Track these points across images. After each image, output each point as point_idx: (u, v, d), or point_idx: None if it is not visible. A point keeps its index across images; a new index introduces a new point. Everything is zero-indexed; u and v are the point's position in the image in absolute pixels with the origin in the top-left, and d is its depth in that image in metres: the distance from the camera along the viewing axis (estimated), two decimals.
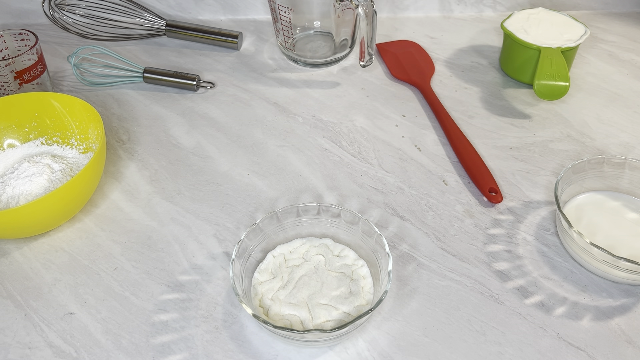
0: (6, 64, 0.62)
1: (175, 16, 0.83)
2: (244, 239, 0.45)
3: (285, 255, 0.48)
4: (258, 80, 0.72)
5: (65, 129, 0.60)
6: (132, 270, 0.50)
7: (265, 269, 0.47)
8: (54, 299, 0.48)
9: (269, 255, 0.48)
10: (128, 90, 0.71)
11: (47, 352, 0.45)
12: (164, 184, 0.59)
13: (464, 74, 0.72)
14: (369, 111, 0.67)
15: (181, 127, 0.66)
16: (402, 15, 0.84)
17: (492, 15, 0.83)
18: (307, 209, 0.48)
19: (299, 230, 0.49)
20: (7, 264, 0.51)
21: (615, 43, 0.77)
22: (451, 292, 0.48)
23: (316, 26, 0.74)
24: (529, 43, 0.65)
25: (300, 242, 0.49)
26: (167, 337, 0.45)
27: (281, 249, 0.48)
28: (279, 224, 0.48)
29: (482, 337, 0.45)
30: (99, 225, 0.55)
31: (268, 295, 0.45)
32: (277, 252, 0.48)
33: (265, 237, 0.48)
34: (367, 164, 0.60)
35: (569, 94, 0.66)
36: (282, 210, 0.48)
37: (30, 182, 0.53)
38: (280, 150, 0.62)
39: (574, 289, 0.48)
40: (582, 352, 0.43)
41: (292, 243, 0.49)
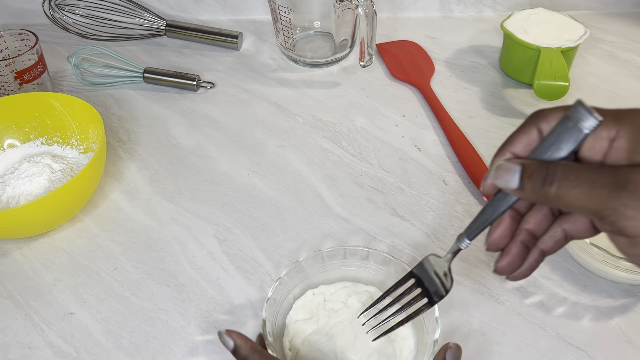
0: (6, 64, 0.62)
1: (175, 16, 0.83)
2: (283, 277, 0.43)
3: (326, 295, 0.45)
4: (258, 80, 0.72)
5: (65, 129, 0.60)
6: (132, 270, 0.50)
7: (302, 305, 0.44)
8: (54, 299, 0.48)
9: (309, 292, 0.45)
10: (128, 90, 0.71)
11: (47, 352, 0.45)
12: (164, 184, 0.59)
13: (463, 74, 0.72)
14: (369, 111, 0.67)
15: (181, 127, 0.66)
16: (402, 16, 0.84)
17: (492, 16, 0.83)
18: (355, 251, 0.45)
19: (343, 273, 0.46)
20: (7, 263, 0.51)
21: (615, 43, 0.77)
22: (451, 292, 0.47)
23: (316, 26, 0.74)
24: (528, 43, 0.65)
25: (343, 285, 0.45)
26: (168, 337, 0.45)
27: (322, 288, 0.45)
28: (322, 264, 0.45)
29: (482, 337, 0.45)
30: (99, 225, 0.55)
31: (299, 337, 0.43)
32: (318, 290, 0.45)
33: (305, 276, 0.45)
34: (367, 164, 0.60)
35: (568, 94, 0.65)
36: (329, 250, 0.45)
37: (30, 182, 0.53)
38: (280, 150, 0.62)
39: (573, 289, 0.48)
40: (582, 352, 0.43)
41: (335, 285, 0.46)
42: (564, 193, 0.28)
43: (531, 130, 0.31)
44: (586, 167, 0.28)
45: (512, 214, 0.33)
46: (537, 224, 0.33)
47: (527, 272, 0.33)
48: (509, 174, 0.30)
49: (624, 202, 0.26)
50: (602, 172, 0.27)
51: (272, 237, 0.53)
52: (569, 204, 0.28)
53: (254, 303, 0.48)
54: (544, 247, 0.33)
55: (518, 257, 0.33)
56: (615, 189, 0.27)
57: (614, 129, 0.28)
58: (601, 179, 0.27)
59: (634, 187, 0.26)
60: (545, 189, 0.28)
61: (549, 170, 0.28)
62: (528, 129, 0.31)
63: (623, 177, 0.27)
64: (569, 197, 0.28)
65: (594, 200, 0.27)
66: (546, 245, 0.33)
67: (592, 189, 0.27)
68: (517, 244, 0.33)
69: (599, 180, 0.27)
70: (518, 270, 0.33)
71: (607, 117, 0.28)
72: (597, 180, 0.27)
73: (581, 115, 0.28)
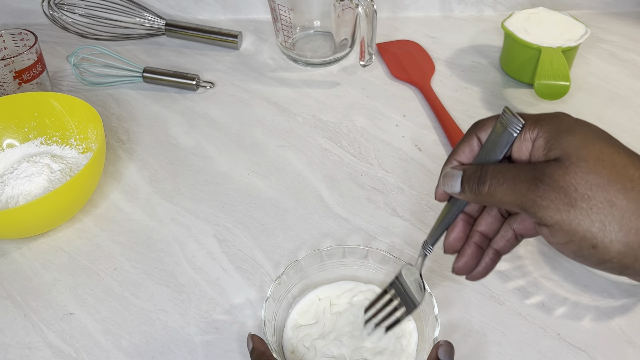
0: (5, 63, 0.62)
1: (175, 16, 0.83)
2: (282, 276, 0.43)
3: (332, 299, 0.45)
4: (258, 80, 0.72)
5: (64, 129, 0.60)
6: (131, 271, 0.50)
7: (307, 311, 0.44)
8: (54, 299, 0.48)
9: (312, 295, 0.45)
10: (128, 90, 0.71)
11: (46, 353, 0.45)
12: (163, 184, 0.59)
13: (464, 73, 0.72)
14: (369, 111, 0.67)
15: (181, 127, 0.66)
16: (402, 15, 0.83)
17: (492, 15, 0.83)
18: (354, 250, 0.45)
19: (342, 272, 0.46)
20: (6, 264, 0.51)
21: (615, 43, 0.77)
22: (451, 293, 0.48)
23: (316, 26, 0.73)
24: (529, 43, 0.65)
25: (347, 287, 0.45)
26: (167, 338, 0.45)
27: (327, 291, 0.45)
28: (321, 263, 0.45)
29: (483, 338, 0.44)
30: (99, 225, 0.55)
31: (305, 341, 0.42)
32: (322, 294, 0.45)
33: (304, 275, 0.45)
34: (367, 164, 0.60)
35: (569, 94, 0.65)
36: (328, 249, 0.45)
37: (29, 182, 0.53)
38: (280, 150, 0.62)
39: (574, 289, 0.48)
40: (582, 352, 0.43)
41: (339, 285, 0.45)
42: (494, 190, 0.31)
43: (472, 140, 0.35)
44: (512, 166, 0.31)
45: (465, 218, 0.36)
46: (488, 225, 0.36)
47: (484, 272, 0.37)
48: (452, 180, 0.34)
49: (540, 193, 0.29)
50: (524, 168, 0.31)
51: (272, 237, 0.53)
52: (499, 200, 0.31)
53: (253, 303, 0.47)
54: (497, 247, 0.36)
55: (472, 257, 0.36)
56: (533, 182, 0.30)
57: (535, 130, 0.31)
58: (522, 175, 0.30)
59: (548, 180, 0.29)
60: (480, 188, 0.32)
61: (482, 172, 0.32)
62: (469, 138, 0.35)
63: (539, 171, 0.30)
64: (498, 194, 0.31)
65: (517, 194, 0.30)
66: (499, 245, 0.36)
67: (515, 184, 0.30)
68: (471, 245, 0.36)
69: (520, 176, 0.30)
70: (475, 270, 0.36)
71: (529, 121, 0.32)
72: (519, 176, 0.30)
73: (509, 120, 0.32)
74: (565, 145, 0.30)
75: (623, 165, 0.29)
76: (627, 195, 0.28)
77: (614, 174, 0.28)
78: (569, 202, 0.29)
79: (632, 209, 0.28)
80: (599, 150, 0.29)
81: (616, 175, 0.28)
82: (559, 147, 0.30)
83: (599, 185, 0.28)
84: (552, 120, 0.31)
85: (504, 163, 0.32)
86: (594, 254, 0.29)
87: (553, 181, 0.29)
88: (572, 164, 0.29)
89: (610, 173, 0.28)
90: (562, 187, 0.29)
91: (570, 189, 0.29)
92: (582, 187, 0.28)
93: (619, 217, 0.28)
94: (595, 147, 0.29)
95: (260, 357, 0.38)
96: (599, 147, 0.29)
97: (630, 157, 0.29)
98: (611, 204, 0.28)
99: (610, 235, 0.28)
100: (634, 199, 0.28)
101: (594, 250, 0.29)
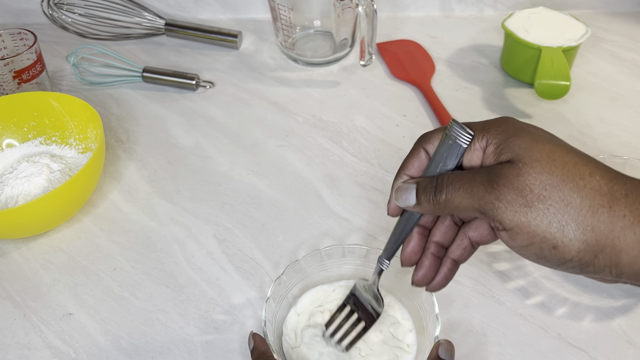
0: (5, 63, 0.62)
1: (175, 15, 0.83)
2: (282, 276, 0.43)
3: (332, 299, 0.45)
4: (258, 79, 0.72)
5: (64, 129, 0.60)
6: (131, 271, 0.50)
7: (307, 311, 0.44)
8: (53, 300, 0.48)
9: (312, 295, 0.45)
10: (127, 89, 0.71)
11: (46, 353, 0.45)
12: (163, 183, 0.58)
13: (464, 73, 0.72)
14: (369, 111, 0.67)
15: (180, 126, 0.65)
16: (402, 15, 0.83)
17: (492, 15, 0.83)
18: (353, 250, 0.45)
19: (342, 272, 0.46)
20: (5, 264, 0.51)
21: (616, 42, 0.77)
22: (452, 293, 0.47)
23: (316, 25, 0.73)
24: (529, 42, 0.65)
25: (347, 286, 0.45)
26: (167, 338, 0.45)
27: (326, 291, 0.45)
28: (321, 262, 0.45)
29: (483, 338, 0.44)
30: (98, 225, 0.55)
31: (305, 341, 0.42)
32: (322, 294, 0.45)
33: (304, 275, 0.45)
34: (367, 164, 0.60)
35: (570, 94, 0.65)
36: (327, 249, 0.45)
37: (29, 182, 0.53)
38: (280, 150, 0.62)
39: (575, 290, 0.48)
40: (583, 352, 0.43)
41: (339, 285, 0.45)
42: (451, 197, 0.31)
43: (419, 153, 0.35)
44: (467, 172, 0.32)
45: (420, 230, 0.36)
46: (442, 235, 0.36)
47: (443, 282, 0.36)
48: (406, 193, 0.34)
49: (497, 195, 0.30)
50: (478, 172, 0.31)
51: (272, 237, 0.53)
52: (457, 206, 0.31)
53: (253, 303, 0.47)
54: (454, 256, 0.36)
55: (430, 268, 0.36)
56: (489, 183, 0.30)
57: (484, 139, 0.32)
58: (477, 178, 0.31)
59: (503, 181, 0.29)
60: (437, 197, 0.32)
61: (437, 181, 0.33)
62: (417, 152, 0.35)
63: (493, 174, 0.30)
64: (455, 199, 0.31)
65: (474, 197, 0.30)
66: (455, 254, 0.36)
67: (472, 188, 0.31)
68: (428, 256, 0.36)
69: (476, 179, 0.31)
70: (434, 281, 0.36)
71: (477, 131, 0.32)
72: (475, 180, 0.31)
73: (457, 132, 0.32)
74: (516, 148, 0.30)
75: (574, 163, 0.29)
76: (580, 193, 0.28)
77: (566, 172, 0.29)
78: (526, 204, 0.29)
79: (586, 206, 0.28)
80: (549, 150, 0.29)
81: (568, 174, 0.29)
82: (509, 151, 0.30)
83: (553, 185, 0.29)
84: (499, 126, 0.32)
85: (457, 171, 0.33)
86: (555, 254, 0.29)
87: (508, 182, 0.29)
88: (525, 165, 0.29)
89: (562, 172, 0.29)
90: (517, 188, 0.29)
91: (526, 190, 0.29)
92: (537, 188, 0.29)
93: (575, 216, 0.28)
94: (546, 148, 0.30)
95: (261, 357, 0.38)
96: (549, 147, 0.30)
97: (579, 156, 0.30)
98: (566, 203, 0.28)
99: (569, 235, 0.28)
100: (587, 196, 0.28)
101: (555, 251, 0.29)
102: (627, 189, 0.29)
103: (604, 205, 0.28)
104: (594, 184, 0.29)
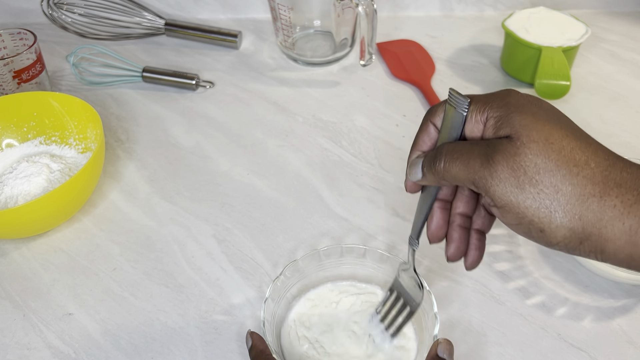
0: (4, 63, 0.62)
1: (175, 15, 0.83)
2: (280, 276, 0.43)
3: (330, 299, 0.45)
4: (258, 79, 0.72)
5: (63, 129, 0.60)
6: (131, 271, 0.50)
7: (306, 311, 0.44)
8: (53, 300, 0.48)
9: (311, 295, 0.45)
10: (127, 89, 0.71)
11: (45, 353, 0.45)
12: (162, 183, 0.58)
13: (464, 73, 0.72)
14: (369, 111, 0.67)
15: (180, 126, 0.65)
16: (402, 14, 0.83)
17: (493, 15, 0.83)
18: (351, 249, 0.45)
19: (340, 271, 0.46)
20: (5, 264, 0.51)
21: (616, 42, 0.77)
22: (452, 293, 0.47)
23: (316, 25, 0.73)
24: (530, 42, 0.65)
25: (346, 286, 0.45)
26: (167, 338, 0.45)
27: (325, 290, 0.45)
28: (319, 262, 0.45)
29: (483, 338, 0.44)
30: (98, 225, 0.54)
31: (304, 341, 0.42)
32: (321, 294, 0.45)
33: (303, 275, 0.45)
34: (367, 164, 0.60)
35: (570, 94, 0.65)
36: (325, 249, 0.44)
37: (28, 182, 0.53)
38: (280, 150, 0.62)
39: (575, 290, 0.48)
40: (583, 352, 0.43)
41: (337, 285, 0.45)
42: (448, 166, 0.31)
43: (428, 127, 0.35)
44: (466, 142, 0.32)
45: (441, 204, 0.36)
46: (465, 205, 0.36)
47: (478, 255, 0.36)
48: (415, 168, 0.34)
49: (492, 171, 0.29)
50: (477, 144, 0.31)
51: (272, 237, 0.53)
52: (454, 176, 0.31)
53: (253, 303, 0.47)
54: (477, 226, 0.36)
55: (461, 240, 0.36)
56: (485, 157, 0.30)
57: (484, 112, 0.31)
58: (475, 150, 0.31)
59: (500, 157, 0.29)
60: (436, 166, 0.32)
61: (437, 151, 0.33)
62: (425, 126, 0.35)
63: (491, 148, 0.30)
64: (452, 169, 0.31)
65: (470, 170, 0.30)
66: (478, 224, 0.36)
67: (469, 159, 0.30)
68: (455, 229, 0.36)
69: (473, 151, 0.31)
70: (469, 260, 0.36)
71: (478, 103, 0.32)
72: (472, 152, 0.31)
73: (456, 100, 0.32)
74: (516, 125, 0.30)
75: (570, 149, 0.29)
76: (572, 181, 0.28)
77: (561, 158, 0.29)
78: (518, 185, 0.29)
79: (576, 194, 0.28)
80: (548, 132, 0.29)
81: (563, 159, 0.29)
82: (509, 126, 0.30)
83: (547, 169, 0.29)
84: (501, 100, 0.31)
85: (457, 141, 0.33)
86: (542, 237, 0.29)
87: (504, 159, 0.29)
88: (522, 145, 0.29)
89: (557, 157, 0.29)
90: (512, 168, 0.29)
91: (519, 170, 0.29)
92: (530, 171, 0.29)
93: (564, 203, 0.28)
94: (545, 129, 0.29)
95: (259, 355, 0.38)
96: (548, 129, 0.29)
97: (577, 140, 0.30)
98: (557, 190, 0.29)
99: (555, 221, 0.29)
100: (579, 184, 0.28)
101: (542, 234, 0.29)
102: (622, 178, 0.29)
103: (595, 195, 0.28)
104: (587, 172, 0.29)
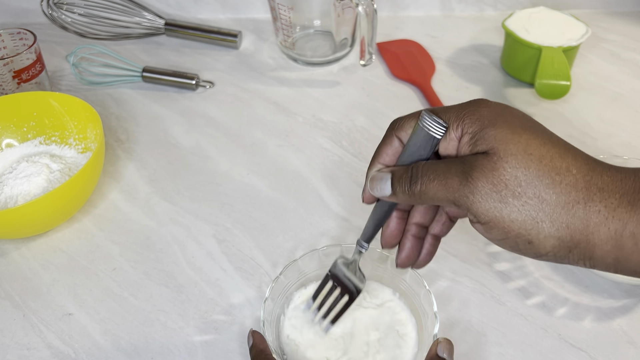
0: (4, 63, 0.62)
1: (175, 15, 0.83)
2: (280, 276, 0.42)
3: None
4: (258, 79, 0.72)
5: (63, 129, 0.60)
6: (130, 271, 0.50)
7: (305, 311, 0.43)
8: (53, 300, 0.48)
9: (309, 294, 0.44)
10: (127, 89, 0.71)
11: (45, 353, 0.44)
12: (162, 183, 0.58)
13: (465, 73, 0.72)
14: (370, 110, 0.67)
15: (180, 126, 0.65)
16: (402, 14, 0.83)
17: (493, 14, 0.83)
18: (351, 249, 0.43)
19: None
20: (5, 264, 0.51)
21: (617, 42, 0.77)
22: (452, 293, 0.47)
23: (316, 25, 0.73)
24: (530, 42, 0.65)
25: None
26: (166, 338, 0.45)
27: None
28: (319, 262, 0.45)
29: (483, 338, 0.44)
30: (98, 225, 0.54)
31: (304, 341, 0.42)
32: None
33: (302, 275, 0.45)
34: (367, 164, 0.59)
35: (570, 94, 0.65)
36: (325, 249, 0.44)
37: (28, 182, 0.53)
38: (280, 150, 0.62)
39: (575, 290, 0.47)
40: (583, 352, 0.43)
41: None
42: (426, 188, 0.31)
43: (393, 141, 0.34)
44: (441, 162, 0.31)
45: (399, 214, 0.36)
46: (422, 216, 0.36)
47: (427, 258, 0.37)
48: (381, 183, 0.33)
49: (472, 188, 0.29)
50: (454, 162, 0.30)
51: (272, 237, 0.53)
52: (432, 197, 0.31)
53: (253, 303, 0.47)
54: (434, 232, 0.36)
55: (412, 249, 0.36)
56: (463, 175, 0.29)
57: (459, 129, 0.31)
58: (452, 169, 0.30)
59: (478, 174, 0.29)
60: (412, 187, 0.32)
61: (412, 172, 0.32)
62: (390, 139, 0.34)
63: (467, 165, 0.30)
64: (430, 191, 0.31)
65: (449, 189, 0.30)
66: (435, 229, 0.36)
67: (447, 179, 0.30)
68: (409, 238, 0.36)
69: (450, 170, 0.30)
70: (419, 260, 0.37)
71: (451, 120, 0.31)
72: (449, 171, 0.30)
73: (430, 125, 0.31)
74: (491, 140, 0.29)
75: (550, 157, 0.29)
76: (555, 190, 0.28)
77: (542, 167, 0.28)
78: (500, 199, 0.29)
79: (561, 202, 0.28)
80: (525, 143, 0.29)
81: (544, 168, 0.28)
82: (484, 142, 0.30)
83: (528, 181, 0.28)
84: (474, 114, 0.31)
85: (433, 160, 0.32)
86: (531, 249, 0.29)
87: (483, 175, 0.29)
88: (500, 159, 0.29)
89: (538, 167, 0.28)
90: (492, 183, 0.29)
91: (500, 185, 0.28)
92: (511, 184, 0.28)
93: (550, 213, 0.28)
94: (522, 140, 0.29)
95: (259, 355, 0.38)
96: (526, 139, 0.29)
97: (556, 147, 0.29)
98: (541, 200, 0.28)
99: (543, 232, 0.28)
100: (563, 192, 0.28)
101: (530, 246, 0.29)
102: (603, 182, 0.28)
103: (579, 202, 0.28)
104: (570, 179, 0.28)
